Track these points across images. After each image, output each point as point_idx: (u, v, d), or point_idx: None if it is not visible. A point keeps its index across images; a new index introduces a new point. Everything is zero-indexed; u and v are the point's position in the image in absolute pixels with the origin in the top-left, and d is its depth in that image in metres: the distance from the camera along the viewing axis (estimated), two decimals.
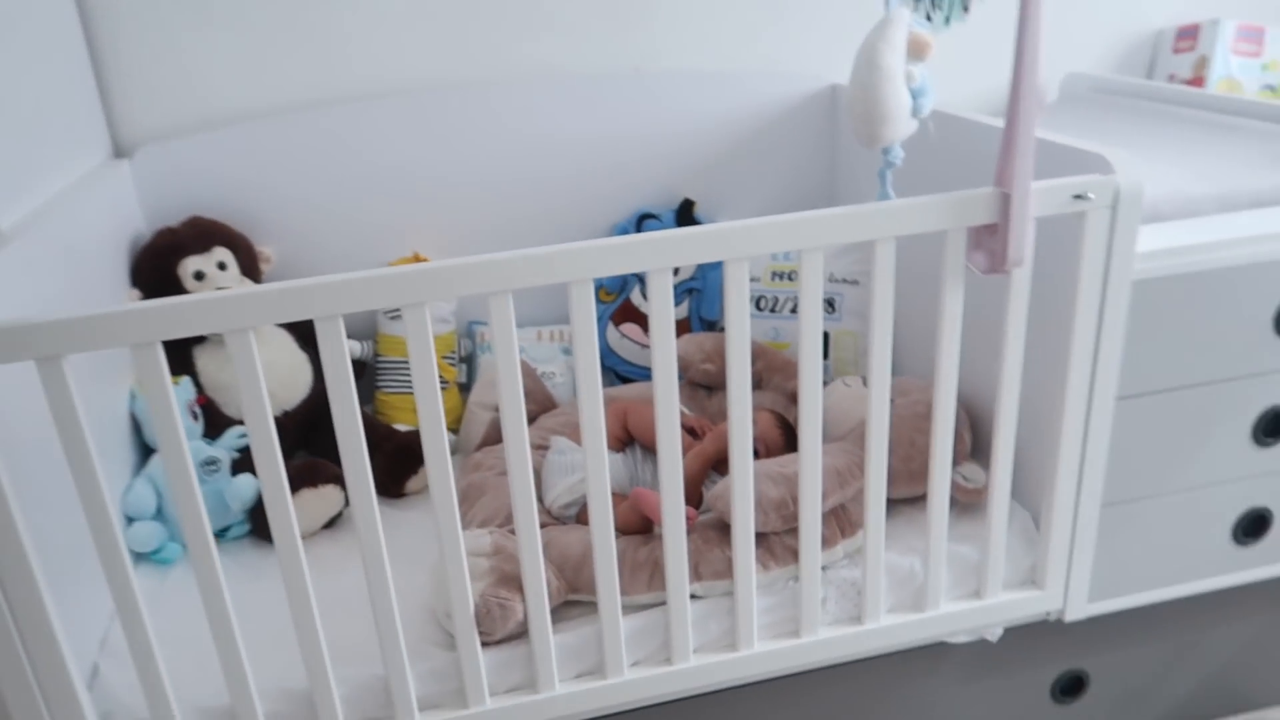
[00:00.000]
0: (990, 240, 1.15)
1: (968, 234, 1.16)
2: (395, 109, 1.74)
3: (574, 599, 1.31)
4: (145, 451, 1.55)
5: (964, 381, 1.44)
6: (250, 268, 1.67)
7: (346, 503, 1.53)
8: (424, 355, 1.06)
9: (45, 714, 1.11)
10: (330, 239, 1.77)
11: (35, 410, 1.11)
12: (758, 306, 1.81)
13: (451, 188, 1.80)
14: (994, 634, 1.42)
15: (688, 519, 1.23)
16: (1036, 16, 1.02)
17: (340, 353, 1.05)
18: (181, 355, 1.58)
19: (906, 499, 1.43)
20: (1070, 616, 1.41)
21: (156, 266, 1.59)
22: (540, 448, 1.58)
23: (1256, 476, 1.40)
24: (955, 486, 1.40)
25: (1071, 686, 1.53)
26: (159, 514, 1.47)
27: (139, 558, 1.45)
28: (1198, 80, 1.91)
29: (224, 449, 1.52)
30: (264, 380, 1.05)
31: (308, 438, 1.66)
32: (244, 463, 1.52)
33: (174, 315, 1.00)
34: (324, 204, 1.76)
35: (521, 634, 1.26)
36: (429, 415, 1.08)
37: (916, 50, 1.14)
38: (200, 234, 1.63)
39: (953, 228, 1.14)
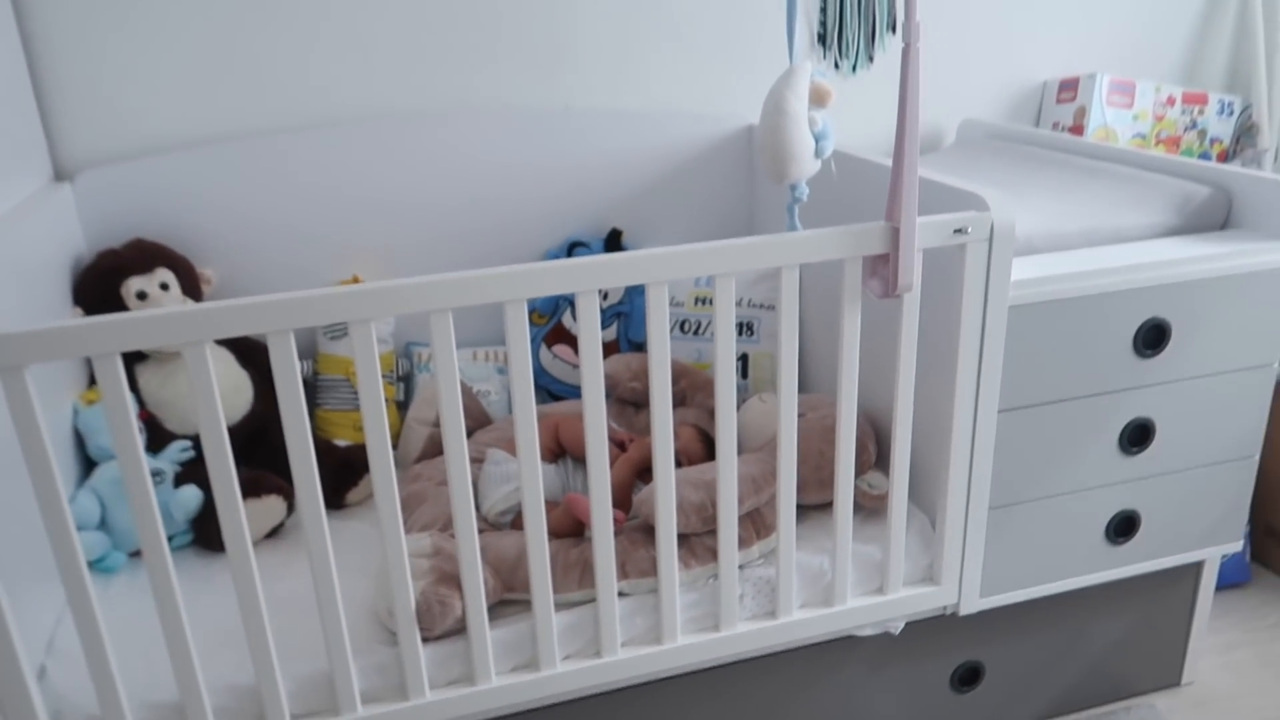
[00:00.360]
0: (883, 268, 1.29)
1: (863, 262, 1.29)
2: (334, 137, 1.82)
3: (510, 598, 1.40)
4: (87, 465, 1.60)
5: (869, 397, 1.59)
6: (191, 288, 1.73)
7: (288, 513, 1.60)
8: (369, 366, 1.15)
9: None
10: (270, 261, 1.83)
11: None
12: (682, 329, 1.93)
13: (389, 213, 1.88)
14: (896, 627, 1.55)
15: (616, 520, 1.34)
16: (916, 71, 1.16)
17: (290, 365, 1.13)
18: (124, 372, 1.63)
19: (816, 505, 1.55)
20: (965, 610, 1.55)
21: (100, 286, 1.64)
22: (476, 461, 1.67)
23: (1125, 482, 1.56)
24: (860, 493, 1.54)
25: (969, 676, 1.67)
26: (102, 524, 1.51)
27: None
28: (1078, 128, 2.11)
29: (167, 461, 1.58)
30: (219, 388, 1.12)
31: (248, 452, 1.72)
32: (186, 476, 1.57)
33: (134, 328, 1.07)
34: (263, 227, 1.82)
35: (460, 630, 1.34)
36: (373, 418, 1.17)
37: (818, 98, 1.28)
38: (143, 255, 1.68)
39: (849, 256, 1.27)
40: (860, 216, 1.31)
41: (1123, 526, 1.58)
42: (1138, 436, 1.53)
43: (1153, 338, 1.46)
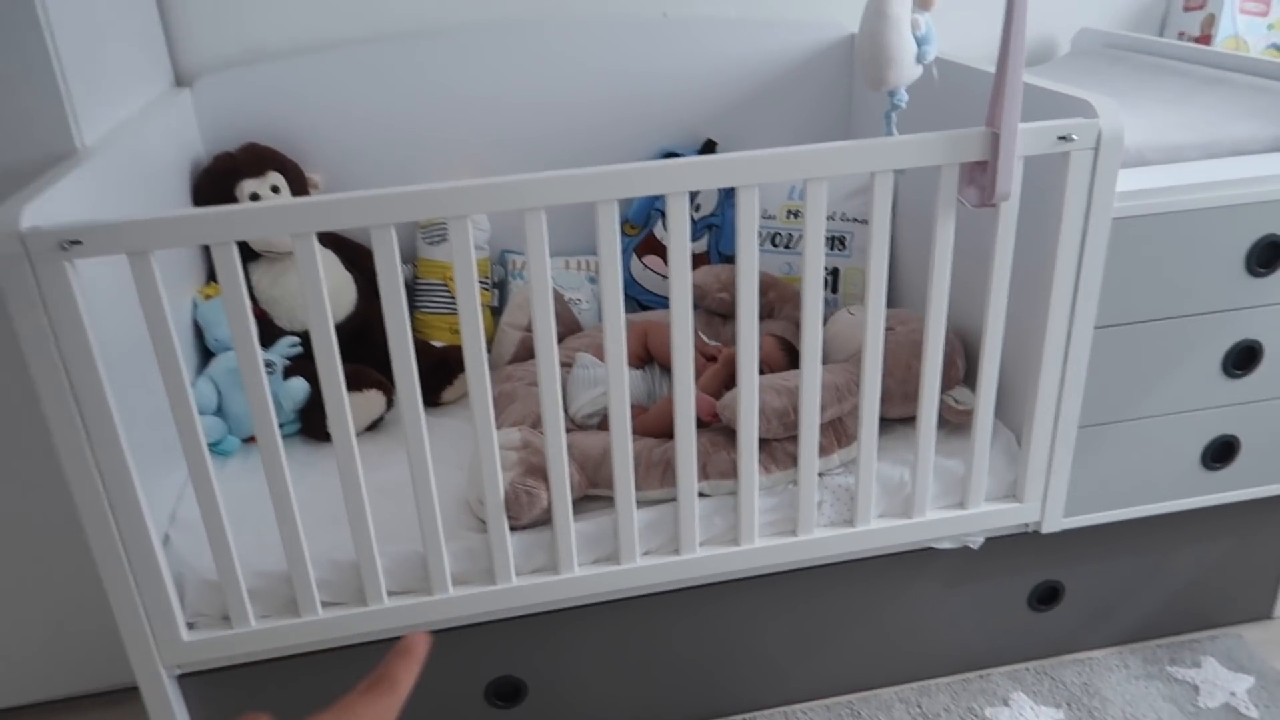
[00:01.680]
0: (981, 176, 1.26)
1: (960, 170, 1.27)
2: (438, 46, 1.85)
3: (594, 493, 1.45)
4: (205, 356, 1.70)
5: (960, 313, 1.57)
6: (300, 192, 1.80)
7: (388, 407, 1.68)
8: (465, 261, 1.19)
9: (129, 572, 1.27)
10: (374, 167, 1.89)
11: (120, 312, 1.26)
12: (773, 243, 1.92)
13: (489, 122, 1.91)
14: (976, 542, 1.55)
15: (710, 414, 1.38)
16: None
17: (392, 258, 1.18)
18: None
19: (900, 418, 1.56)
20: (1047, 528, 1.54)
21: (215, 188, 1.72)
22: (565, 365, 1.72)
23: (1225, 406, 1.51)
24: (946, 407, 1.53)
25: (1048, 596, 1.67)
26: (219, 411, 1.62)
27: None
28: (1205, 38, 1.99)
29: (277, 355, 1.67)
30: (322, 288, 1.18)
31: (351, 351, 1.79)
32: (294, 370, 1.66)
33: (247, 218, 1.13)
34: (369, 133, 1.88)
35: (546, 521, 1.40)
36: (468, 309, 1.21)
37: (922, 1, 1.24)
38: (255, 159, 1.75)
39: (946, 163, 1.25)
40: (959, 126, 1.27)
41: (1220, 452, 1.54)
42: (1243, 359, 1.47)
43: (1267, 256, 1.40)
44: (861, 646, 1.62)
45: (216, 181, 1.73)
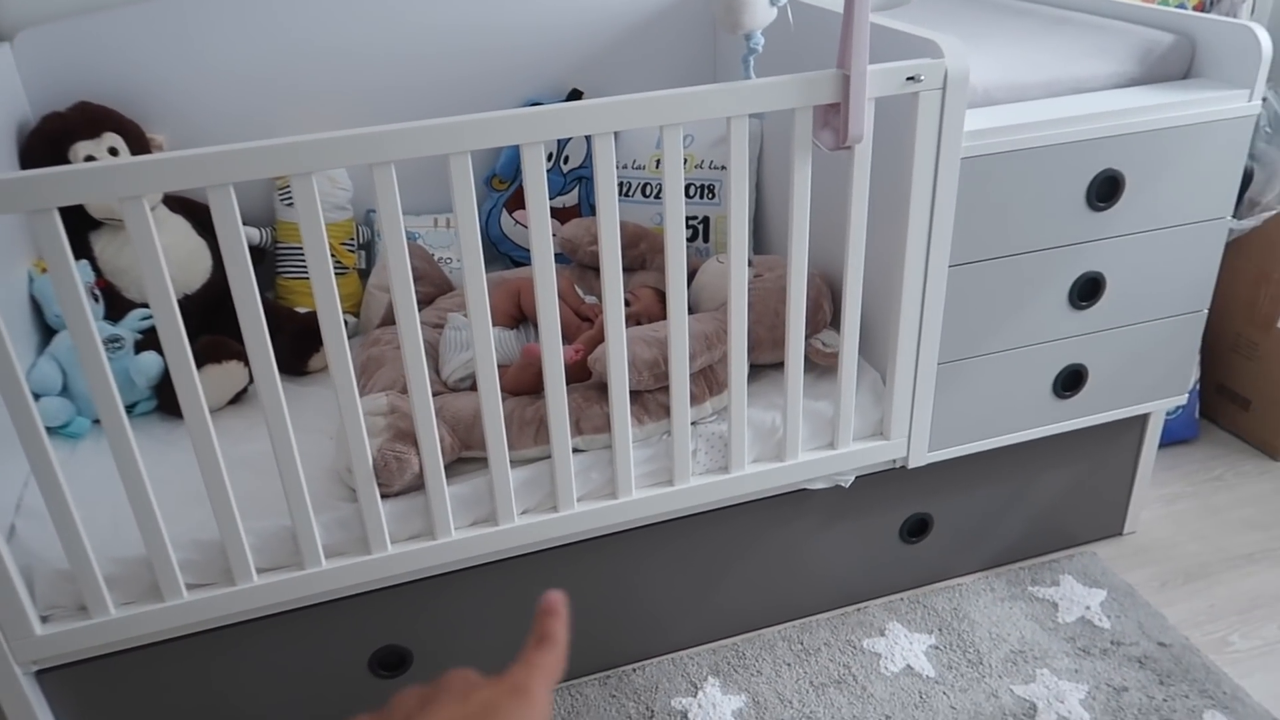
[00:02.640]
0: (835, 119, 1.27)
1: (814, 113, 1.28)
2: None
3: (468, 455, 1.43)
4: (46, 333, 1.60)
5: (826, 257, 1.59)
6: (141, 154, 1.69)
7: (251, 378, 1.61)
8: (312, 220, 1.14)
9: None
10: (223, 126, 1.79)
11: None
12: (643, 193, 1.91)
13: (345, 76, 1.83)
14: (847, 481, 1.60)
15: (570, 354, 1.36)
16: None
17: (233, 222, 1.12)
18: (78, 240, 1.62)
19: (772, 364, 1.58)
20: (913, 463, 1.59)
21: (47, 151, 1.60)
22: (437, 326, 1.68)
23: (1073, 336, 1.58)
24: (814, 351, 1.56)
25: (917, 528, 1.73)
26: (65, 391, 1.53)
27: (48, 432, 1.51)
28: None
29: (126, 329, 1.58)
30: (163, 255, 1.11)
31: (210, 321, 1.72)
32: (147, 343, 1.58)
33: (68, 181, 1.05)
34: (216, 91, 1.77)
35: (419, 486, 1.37)
36: (319, 272, 1.17)
37: None
38: (90, 119, 1.64)
39: (800, 106, 1.25)
40: (819, 69, 1.28)
41: (1070, 380, 1.62)
42: (1088, 291, 1.54)
43: (1106, 190, 1.46)
44: (743, 589, 1.66)
45: (46, 144, 1.61)
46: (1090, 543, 1.87)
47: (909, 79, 1.27)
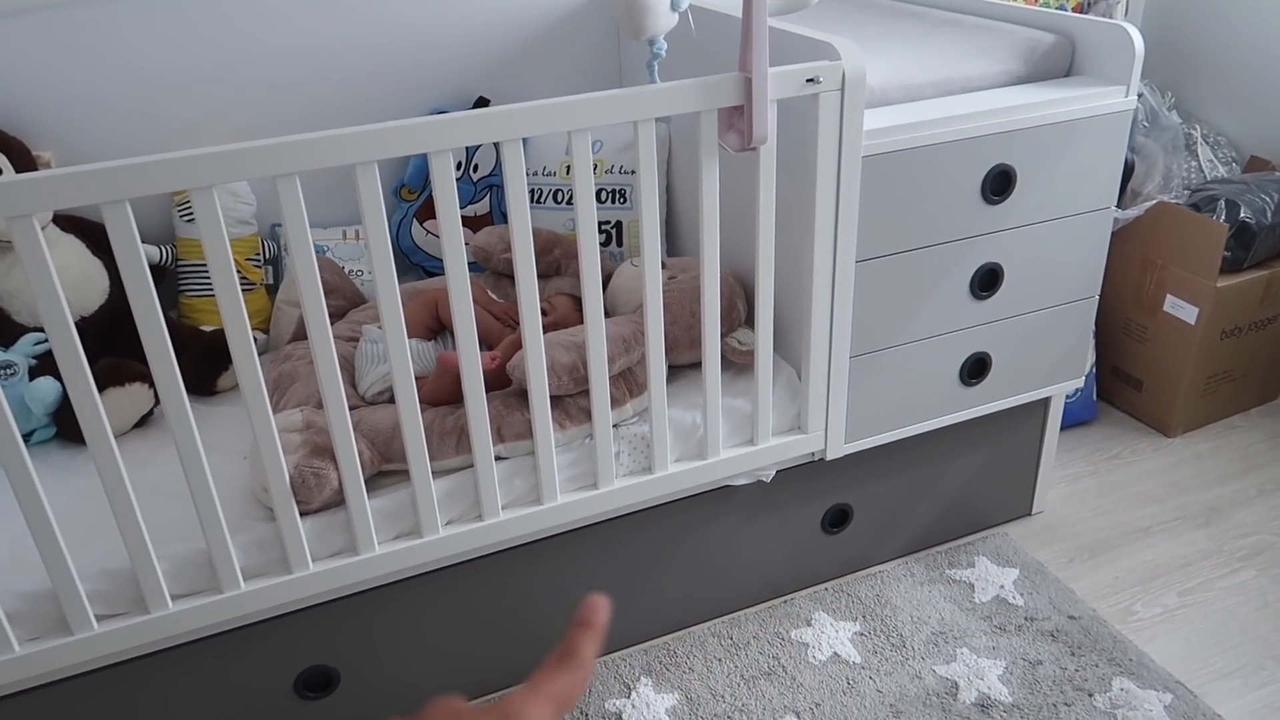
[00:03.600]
0: (739, 121, 1.30)
1: (719, 116, 1.30)
2: (173, 1, 1.71)
3: (388, 468, 1.41)
4: None
5: (736, 257, 1.62)
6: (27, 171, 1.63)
7: (157, 400, 1.56)
8: (216, 236, 1.11)
9: None
10: (114, 143, 1.74)
11: None
12: (555, 199, 1.92)
13: (240, 83, 1.79)
14: (768, 476, 1.63)
15: (488, 361, 1.36)
16: None
17: (131, 239, 1.09)
18: None
19: (690, 364, 1.60)
20: (831, 455, 1.63)
21: None
22: (351, 340, 1.66)
23: (976, 326, 1.64)
24: (730, 349, 1.58)
25: (838, 518, 1.77)
26: None
27: None
28: None
29: (19, 355, 1.52)
30: (56, 277, 1.08)
31: (109, 343, 1.66)
32: (42, 369, 1.52)
33: None
34: (105, 105, 1.72)
35: (339, 502, 1.35)
36: (224, 288, 1.14)
37: None
38: None
39: (705, 109, 1.28)
40: (721, 73, 1.30)
41: (975, 368, 1.68)
42: (987, 281, 1.61)
43: (999, 184, 1.52)
44: (672, 588, 1.67)
45: None
46: (1001, 524, 1.94)
47: (809, 80, 1.31)
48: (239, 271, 1.78)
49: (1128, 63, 1.55)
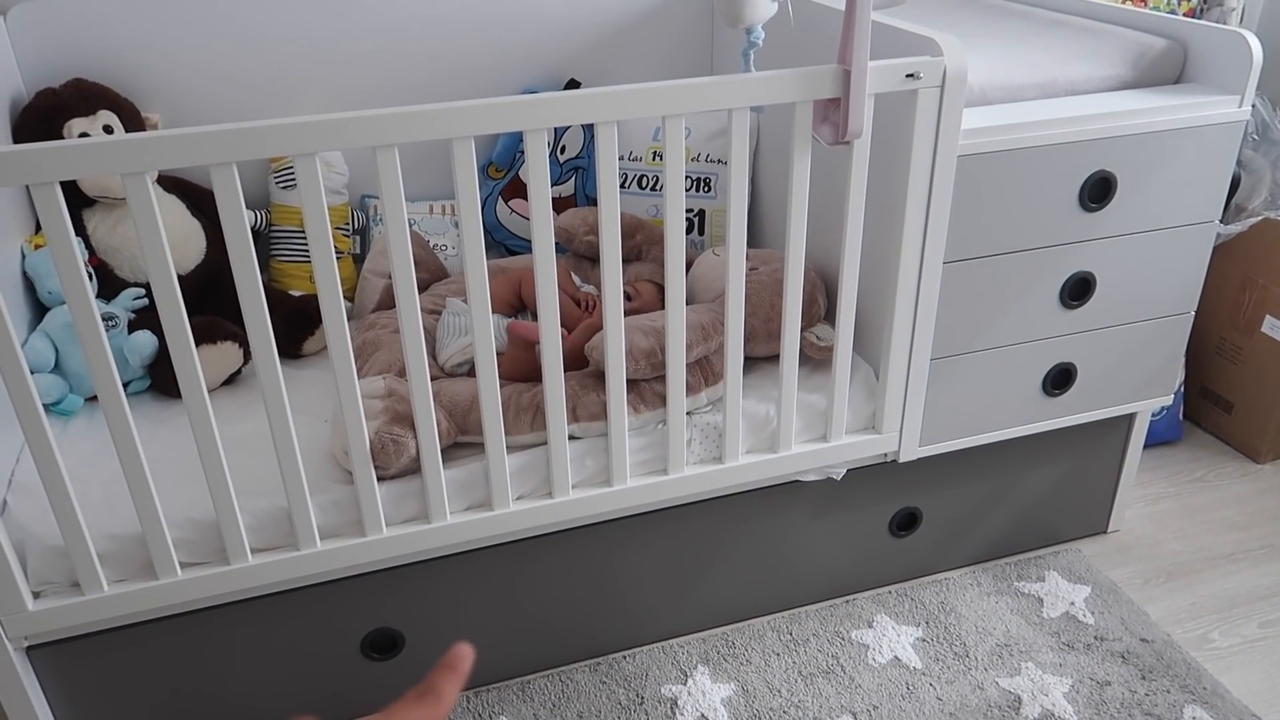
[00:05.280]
0: (834, 114, 1.29)
1: (814, 108, 1.29)
2: None
3: (464, 440, 1.43)
4: (38, 310, 1.59)
5: (821, 252, 1.61)
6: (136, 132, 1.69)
7: (245, 359, 1.61)
8: (315, 201, 1.14)
9: None
10: (218, 107, 1.79)
11: None
12: (639, 185, 1.92)
13: (340, 59, 1.83)
14: (838, 473, 1.61)
15: (563, 335, 1.37)
16: None
17: (235, 199, 1.12)
18: (71, 217, 1.60)
19: (766, 356, 1.59)
20: (904, 458, 1.61)
21: (40, 127, 1.59)
22: (433, 312, 1.69)
23: (1063, 335, 1.60)
24: (808, 344, 1.57)
25: (906, 522, 1.75)
26: (56, 368, 1.52)
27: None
28: None
29: (119, 308, 1.57)
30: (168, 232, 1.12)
31: (203, 303, 1.71)
32: (140, 323, 1.57)
33: (71, 156, 1.05)
34: (212, 71, 1.77)
35: (415, 470, 1.38)
36: (321, 253, 1.17)
37: None
38: (84, 96, 1.63)
39: (800, 100, 1.27)
40: (817, 64, 1.29)
41: (1059, 379, 1.64)
42: (1078, 290, 1.56)
43: (1099, 191, 1.48)
44: (733, 579, 1.67)
45: (40, 120, 1.60)
46: (1075, 540, 1.90)
47: (908, 76, 1.29)
48: None
49: (1244, 72, 1.50)
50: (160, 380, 1.57)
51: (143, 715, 1.45)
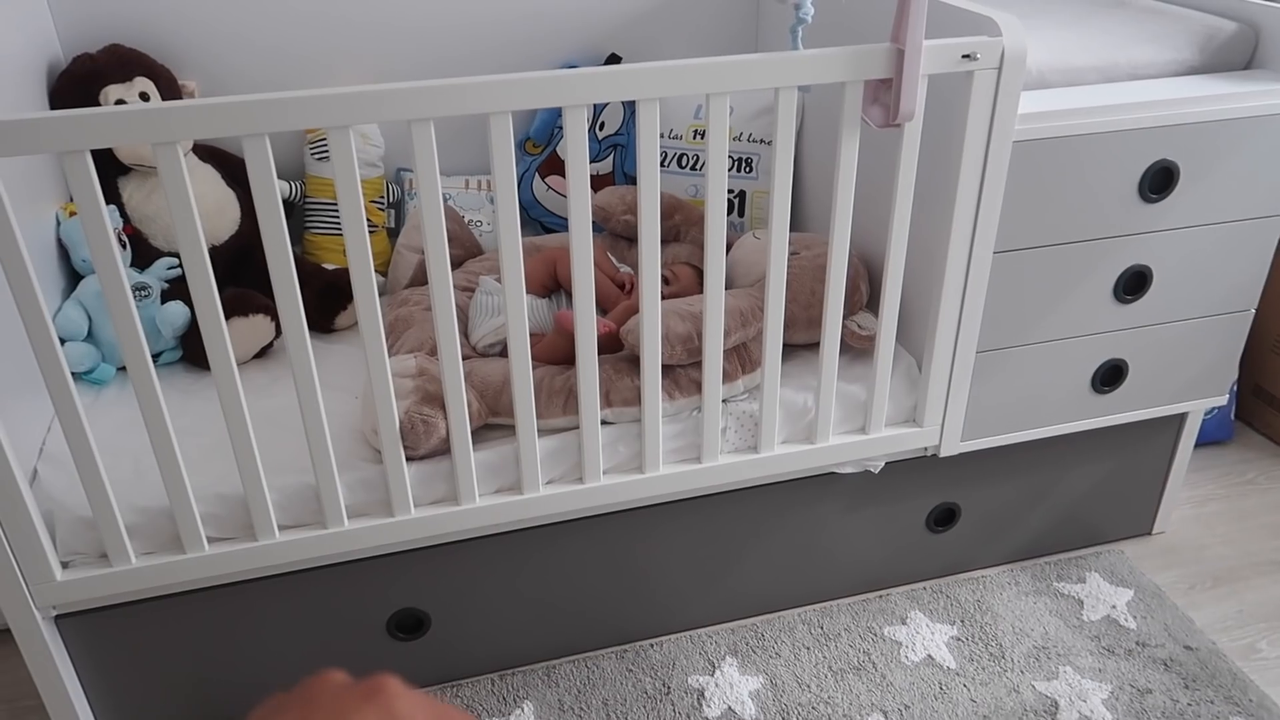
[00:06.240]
0: (885, 95, 1.24)
1: (864, 88, 1.24)
2: None
3: (495, 422, 1.41)
4: (73, 277, 1.59)
5: (865, 238, 1.56)
6: (173, 100, 1.67)
7: (277, 333, 1.60)
8: (348, 174, 1.11)
9: None
10: (255, 77, 1.77)
11: None
12: (679, 164, 1.88)
13: (380, 31, 1.80)
14: (876, 466, 1.57)
15: (601, 327, 1.33)
16: None
17: (267, 170, 1.10)
18: (106, 185, 1.60)
19: (805, 344, 1.55)
20: (945, 452, 1.56)
21: (77, 92, 1.58)
22: (467, 290, 1.66)
23: (1116, 330, 1.54)
24: (849, 333, 1.53)
25: (944, 517, 1.70)
26: (89, 337, 1.51)
27: (72, 378, 1.50)
28: None
29: (153, 277, 1.56)
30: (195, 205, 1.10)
31: (236, 273, 1.70)
32: (173, 293, 1.56)
33: (102, 124, 1.03)
34: (250, 40, 1.75)
35: (444, 451, 1.36)
36: (353, 226, 1.14)
37: None
38: (121, 62, 1.62)
39: (850, 80, 1.22)
40: (868, 43, 1.24)
41: (1109, 375, 1.58)
42: (1134, 284, 1.50)
43: (1160, 181, 1.42)
44: (764, 570, 1.64)
45: (76, 86, 1.59)
46: (1118, 541, 1.84)
47: (964, 56, 1.23)
48: None
49: None
50: (192, 351, 1.56)
51: (168, 686, 1.45)
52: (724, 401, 1.46)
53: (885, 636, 1.62)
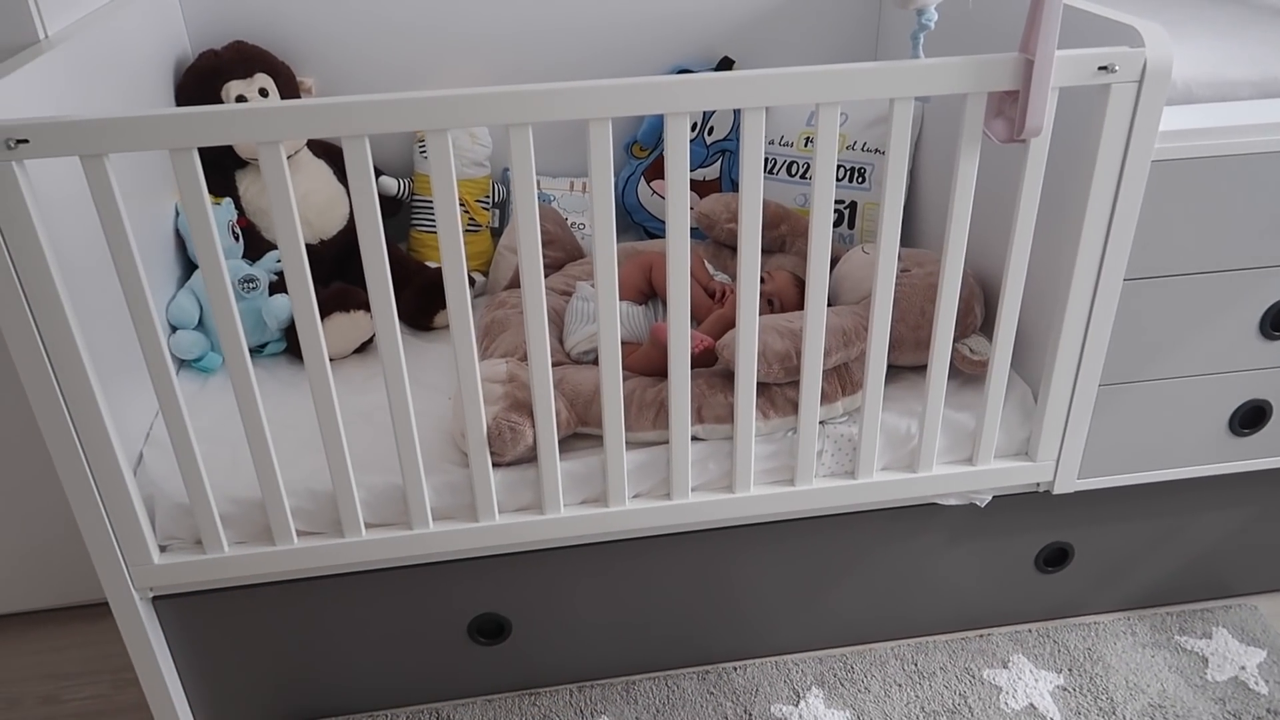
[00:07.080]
0: (1010, 108, 1.15)
1: (988, 100, 1.16)
2: None
3: (584, 431, 1.38)
4: (189, 268, 1.64)
5: (981, 256, 1.47)
6: (291, 96, 1.71)
7: None
8: (445, 178, 1.10)
9: (96, 495, 1.22)
10: (373, 74, 1.80)
11: (89, 226, 1.19)
12: (789, 172, 1.82)
13: (490, 35, 1.80)
14: (983, 500, 1.48)
15: (698, 344, 1.29)
16: None
17: (365, 172, 1.10)
18: (224, 177, 1.65)
19: (911, 366, 1.47)
20: (1059, 489, 1.46)
21: (199, 89, 1.63)
22: (565, 293, 1.64)
23: (1260, 369, 1.41)
24: (960, 357, 1.44)
25: (1056, 557, 1.60)
26: (200, 325, 1.56)
27: (182, 364, 1.55)
28: None
29: (262, 270, 1.60)
30: (296, 202, 1.11)
31: (343, 268, 1.73)
32: (283, 285, 1.59)
33: (209, 121, 1.04)
34: (368, 38, 1.78)
35: (531, 458, 1.34)
36: (447, 231, 1.13)
37: None
38: (243, 58, 1.66)
39: (972, 92, 1.14)
40: (993, 51, 1.16)
41: (1250, 417, 1.45)
42: None
43: None
44: (857, 600, 1.57)
45: (200, 81, 1.64)
46: (1251, 595, 1.69)
47: (1101, 68, 1.14)
48: (467, 213, 1.81)
49: None
50: (297, 344, 1.58)
51: (255, 671, 1.48)
52: (821, 423, 1.40)
53: (984, 680, 1.53)
